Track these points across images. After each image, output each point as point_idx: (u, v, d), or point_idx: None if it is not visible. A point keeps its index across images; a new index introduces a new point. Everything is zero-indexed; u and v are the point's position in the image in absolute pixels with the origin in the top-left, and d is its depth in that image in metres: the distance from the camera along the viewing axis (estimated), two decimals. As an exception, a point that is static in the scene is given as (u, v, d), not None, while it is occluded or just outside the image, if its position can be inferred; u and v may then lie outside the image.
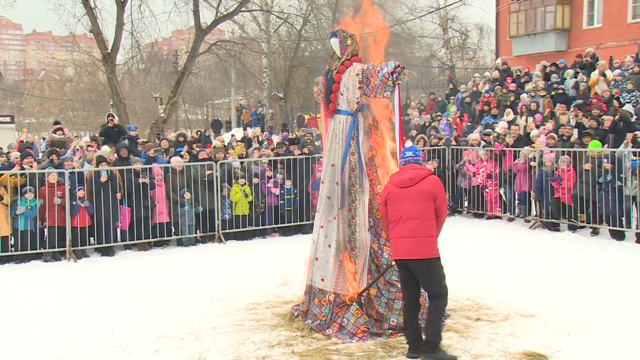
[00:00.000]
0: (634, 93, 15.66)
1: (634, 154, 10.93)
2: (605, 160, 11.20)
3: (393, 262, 6.25)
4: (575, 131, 13.69)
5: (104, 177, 11.11)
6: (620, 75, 16.63)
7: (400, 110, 6.84)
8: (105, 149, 12.57)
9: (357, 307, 6.45)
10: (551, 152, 12.34)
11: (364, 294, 6.55)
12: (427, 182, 5.81)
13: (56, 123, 16.74)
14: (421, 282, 5.80)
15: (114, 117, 15.94)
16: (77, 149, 12.90)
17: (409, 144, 6.23)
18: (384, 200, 5.99)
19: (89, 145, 13.36)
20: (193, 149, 14.48)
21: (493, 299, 7.54)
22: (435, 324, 5.73)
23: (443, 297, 5.74)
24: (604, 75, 17.01)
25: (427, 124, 18.70)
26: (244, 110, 35.30)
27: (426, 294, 5.95)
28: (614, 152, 11.45)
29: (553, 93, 17.38)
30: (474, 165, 13.95)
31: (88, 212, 11.04)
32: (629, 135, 12.29)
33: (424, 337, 5.79)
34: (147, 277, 9.46)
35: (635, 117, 14.45)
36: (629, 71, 16.90)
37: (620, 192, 11.05)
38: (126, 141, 13.81)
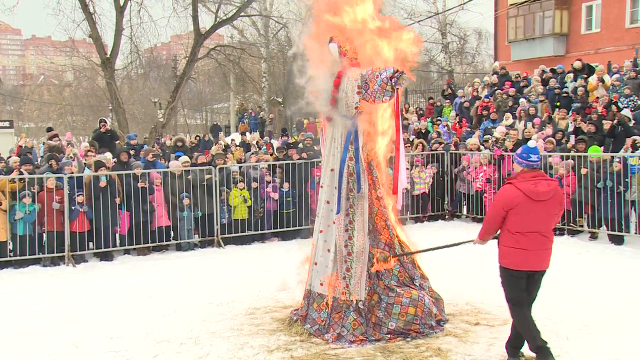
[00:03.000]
0: (632, 98, 15.70)
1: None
2: (617, 160, 11.17)
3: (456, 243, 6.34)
4: (572, 137, 13.75)
5: (103, 183, 11.10)
6: (618, 80, 16.68)
7: (398, 115, 6.84)
8: (104, 155, 12.54)
9: (355, 317, 6.45)
10: (549, 156, 12.35)
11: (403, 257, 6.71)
12: (560, 195, 5.68)
13: (49, 130, 16.70)
14: (533, 290, 5.72)
15: (106, 122, 15.92)
16: (71, 157, 12.85)
17: (532, 143, 5.79)
18: (507, 206, 5.54)
19: (88, 151, 13.36)
20: (193, 156, 14.40)
21: (492, 303, 7.53)
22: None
23: None
24: (602, 80, 17.05)
25: (422, 131, 18.61)
26: (240, 123, 35.22)
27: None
28: (613, 157, 11.45)
29: (558, 104, 17.34)
30: (474, 169, 13.96)
31: (87, 216, 11.03)
32: (629, 141, 12.31)
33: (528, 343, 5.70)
34: (146, 281, 9.46)
35: (633, 121, 14.49)
36: (627, 76, 16.95)
37: (619, 197, 11.06)
38: (131, 152, 13.74)
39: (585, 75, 18.21)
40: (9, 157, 13.38)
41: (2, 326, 7.39)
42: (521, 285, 5.64)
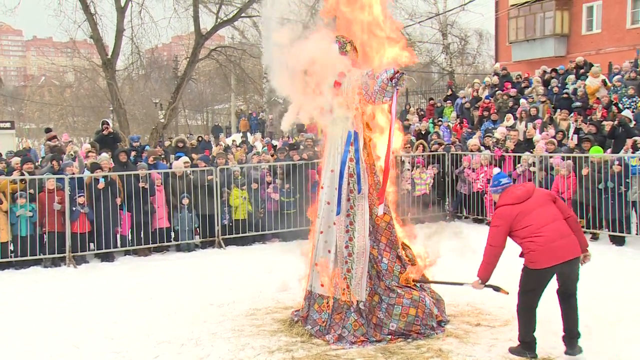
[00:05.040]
0: (635, 99, 15.67)
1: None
2: (616, 162, 11.16)
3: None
4: (575, 137, 13.74)
5: (101, 184, 11.08)
6: (619, 81, 16.66)
7: (393, 116, 6.83)
8: (104, 156, 12.54)
9: (356, 318, 6.44)
10: (550, 157, 12.35)
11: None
12: (540, 191, 6.11)
13: (48, 130, 16.67)
14: (568, 282, 5.86)
15: (108, 124, 15.89)
16: (72, 154, 12.84)
17: (496, 170, 6.45)
18: (507, 222, 5.80)
19: (89, 152, 13.34)
20: (193, 158, 14.40)
21: (493, 304, 7.52)
22: (577, 319, 5.90)
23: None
24: (605, 83, 17.02)
25: (422, 132, 18.55)
26: (242, 118, 35.20)
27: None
28: (616, 157, 11.43)
29: (552, 105, 17.35)
30: (474, 170, 13.96)
31: (88, 217, 11.03)
32: (629, 141, 12.30)
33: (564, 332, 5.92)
34: (146, 282, 9.46)
35: (634, 122, 14.47)
36: (626, 77, 16.93)
37: (620, 198, 11.05)
38: (133, 153, 13.73)
39: (582, 72, 18.19)
40: (8, 158, 13.34)
41: (2, 326, 7.40)
42: (543, 283, 5.80)
